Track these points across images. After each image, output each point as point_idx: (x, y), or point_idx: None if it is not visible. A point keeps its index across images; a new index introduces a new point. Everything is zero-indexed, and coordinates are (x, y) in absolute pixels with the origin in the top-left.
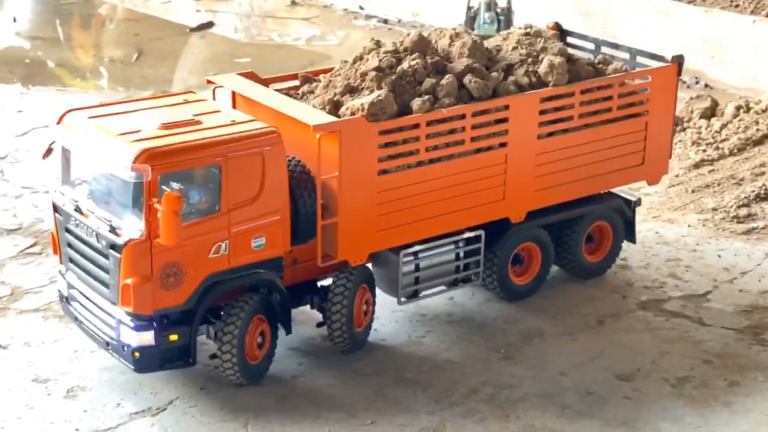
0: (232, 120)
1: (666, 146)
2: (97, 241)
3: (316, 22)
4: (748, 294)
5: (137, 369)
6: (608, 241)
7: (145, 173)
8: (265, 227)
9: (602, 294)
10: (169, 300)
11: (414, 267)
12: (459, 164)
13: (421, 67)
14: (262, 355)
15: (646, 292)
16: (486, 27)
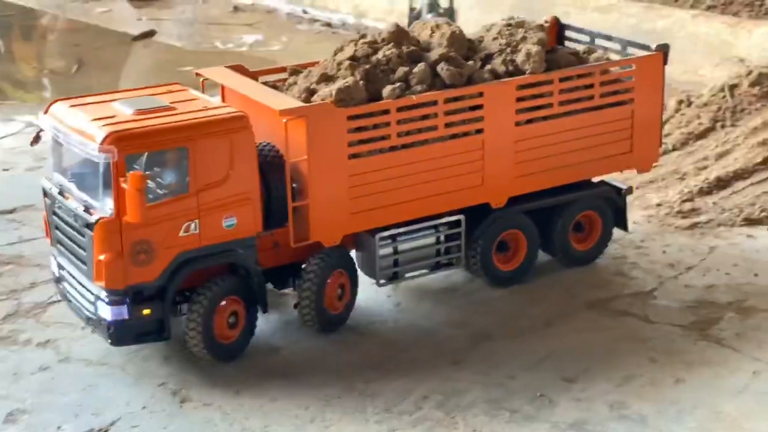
0: (205, 106)
1: (655, 134)
2: (75, 221)
3: (259, 27)
4: (694, 289)
5: (113, 342)
6: (597, 230)
7: (111, 154)
8: (236, 208)
9: (550, 294)
10: (141, 276)
11: (392, 250)
12: (434, 149)
13: (396, 56)
14: (235, 335)
15: (593, 291)
16: None
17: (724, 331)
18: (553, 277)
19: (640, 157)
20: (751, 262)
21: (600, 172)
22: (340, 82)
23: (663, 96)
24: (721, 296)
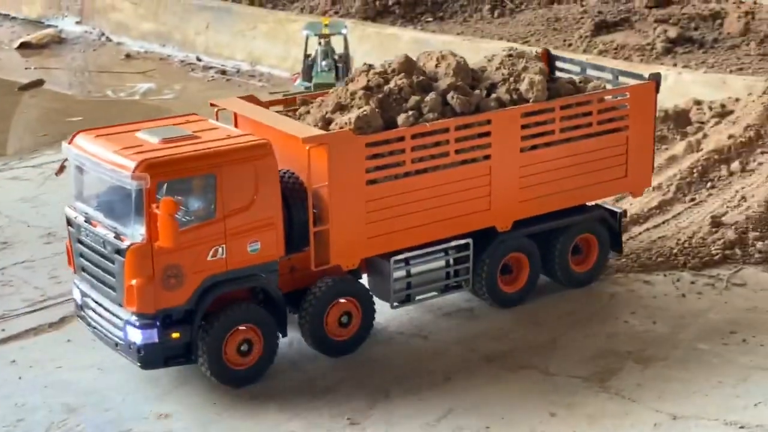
0: (228, 135)
1: (648, 159)
2: (104, 247)
3: (152, 75)
4: (594, 339)
5: (143, 366)
6: (594, 252)
7: (144, 181)
8: (260, 233)
9: (448, 347)
10: (171, 300)
11: (405, 273)
12: (445, 175)
13: (407, 85)
14: (248, 362)
15: (492, 343)
16: (324, 75)
17: (624, 381)
18: (452, 329)
19: (635, 181)
20: (650, 309)
21: (597, 196)
22: (358, 111)
23: (654, 123)
24: (621, 345)
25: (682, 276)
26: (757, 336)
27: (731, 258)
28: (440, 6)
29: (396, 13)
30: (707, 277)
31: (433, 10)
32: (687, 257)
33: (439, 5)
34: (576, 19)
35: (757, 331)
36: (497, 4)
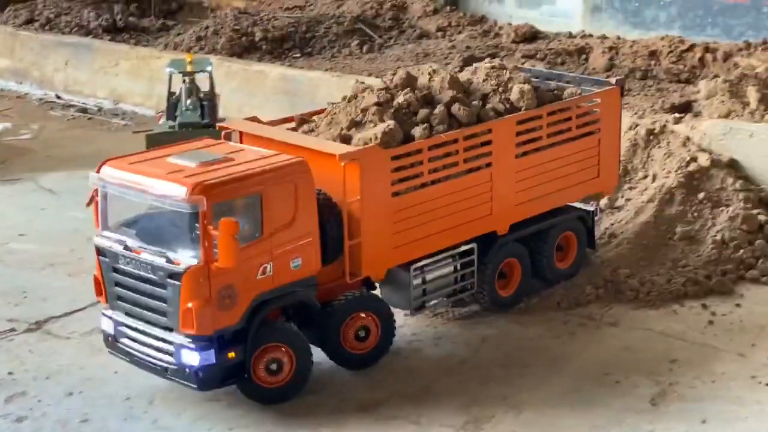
0: (261, 155)
1: (615, 159)
2: (153, 273)
3: (9, 114)
4: (467, 384)
5: (200, 388)
6: (574, 249)
7: (200, 203)
8: (301, 249)
9: (319, 399)
10: (226, 320)
11: (421, 280)
12: (455, 184)
13: (414, 99)
14: (280, 381)
15: (365, 392)
16: (188, 114)
17: (498, 428)
18: (325, 379)
19: (605, 181)
20: (523, 351)
21: (576, 196)
22: (377, 126)
23: (621, 125)
24: (495, 390)
25: (555, 316)
26: (630, 377)
27: (603, 297)
28: (308, 42)
29: (263, 49)
30: (579, 316)
31: (301, 45)
32: (560, 297)
33: (307, 41)
34: (444, 54)
35: (630, 372)
36: (366, 40)
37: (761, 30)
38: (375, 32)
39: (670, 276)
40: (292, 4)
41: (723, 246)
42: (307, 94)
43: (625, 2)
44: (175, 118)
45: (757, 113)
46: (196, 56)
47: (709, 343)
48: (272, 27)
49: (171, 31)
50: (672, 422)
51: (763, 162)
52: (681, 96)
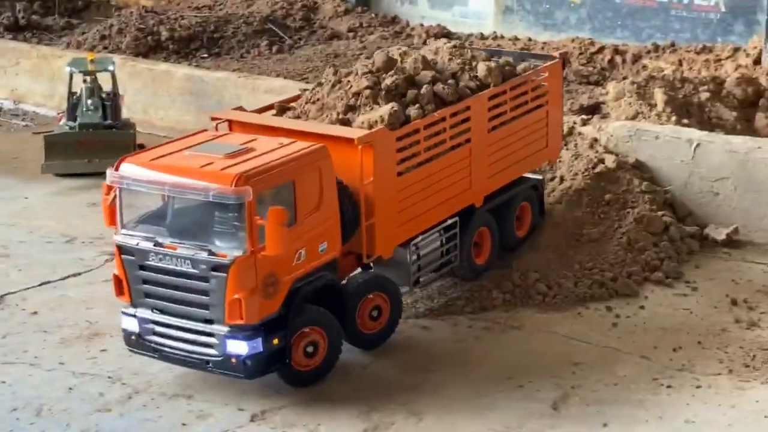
0: (279, 143)
1: (559, 130)
2: (194, 267)
3: None
4: (366, 392)
5: (249, 376)
6: (528, 216)
7: (246, 194)
8: (326, 232)
9: (214, 408)
10: (269, 308)
11: (417, 256)
12: (443, 161)
13: (402, 81)
14: (315, 363)
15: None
16: (89, 114)
17: None
18: (220, 387)
19: (552, 151)
20: (426, 356)
21: (531, 166)
22: (378, 109)
23: (563, 97)
24: (395, 397)
25: (460, 321)
26: (532, 381)
27: (510, 301)
28: (216, 42)
29: (170, 48)
30: (485, 320)
31: (209, 46)
32: (465, 301)
33: (216, 41)
34: (355, 55)
35: (533, 376)
36: (276, 40)
37: (669, 32)
38: (285, 32)
39: (577, 279)
40: (201, 3)
41: (629, 248)
42: (214, 95)
43: (536, 4)
44: (76, 119)
45: (664, 115)
46: (98, 55)
47: (612, 346)
48: (179, 26)
49: (75, 30)
50: (573, 426)
51: (669, 163)
52: (590, 98)
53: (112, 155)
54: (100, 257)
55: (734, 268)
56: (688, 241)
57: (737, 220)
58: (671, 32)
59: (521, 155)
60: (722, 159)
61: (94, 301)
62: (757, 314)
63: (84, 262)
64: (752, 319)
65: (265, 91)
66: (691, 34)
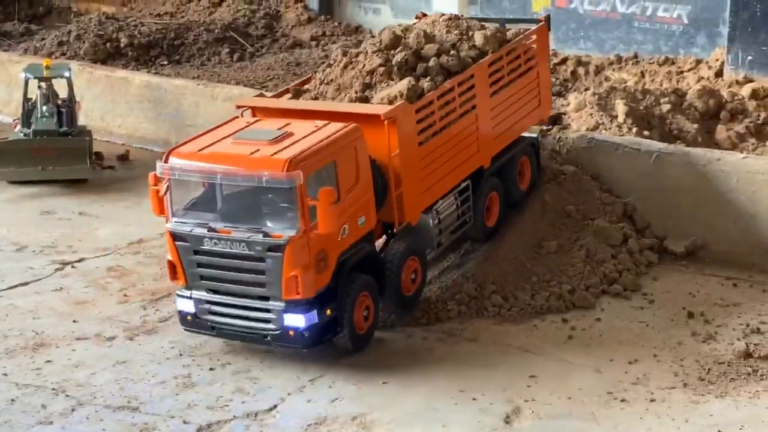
0: (315, 126)
1: (548, 89)
2: (249, 249)
3: None
4: (316, 404)
5: (306, 346)
6: (528, 171)
7: (297, 178)
8: (363, 206)
9: (159, 419)
10: (322, 282)
11: (438, 221)
12: (454, 128)
13: (411, 56)
14: (368, 325)
15: (208, 413)
16: (44, 121)
17: None
18: (167, 398)
19: (543, 110)
20: (380, 368)
21: (528, 125)
22: (395, 84)
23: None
24: (346, 409)
25: (414, 332)
26: (486, 394)
27: (466, 313)
28: (177, 49)
29: (129, 55)
30: (440, 332)
31: (169, 53)
32: (421, 313)
33: (176, 48)
34: (317, 64)
35: (486, 389)
36: (237, 48)
37: (632, 44)
38: (247, 40)
39: (534, 291)
40: (163, 11)
41: (587, 260)
42: (173, 102)
43: (499, 14)
44: (30, 126)
45: (625, 126)
46: (54, 61)
47: (567, 359)
48: (139, 33)
49: (35, 36)
50: None
51: (628, 175)
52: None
53: (67, 163)
54: (50, 266)
55: (692, 281)
56: (646, 254)
57: (696, 233)
58: (634, 44)
59: (519, 115)
60: (681, 171)
61: (42, 311)
62: (714, 327)
63: (33, 272)
64: (708, 333)
65: (223, 99)
66: (653, 45)
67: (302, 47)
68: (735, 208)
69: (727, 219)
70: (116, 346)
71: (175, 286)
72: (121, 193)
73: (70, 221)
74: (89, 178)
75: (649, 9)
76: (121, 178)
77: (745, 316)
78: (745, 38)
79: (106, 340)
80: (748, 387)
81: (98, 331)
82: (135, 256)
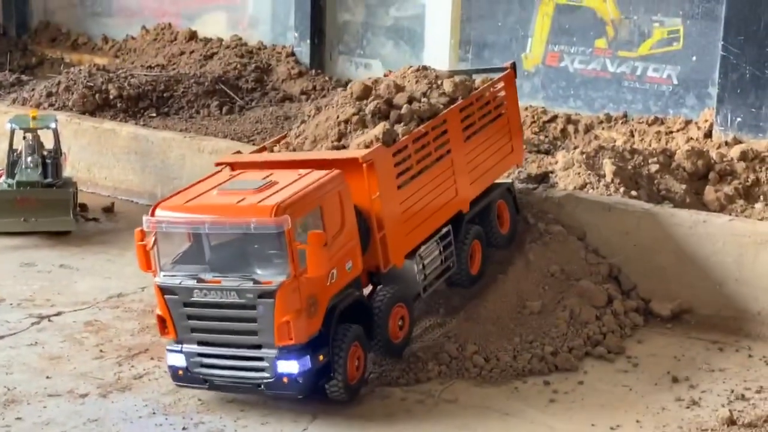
0: (298, 174)
1: (520, 135)
2: (240, 297)
3: None
4: None
5: (301, 393)
6: (507, 215)
7: (285, 222)
8: (350, 252)
9: None
10: (312, 327)
11: (422, 266)
12: (432, 172)
13: (383, 104)
14: (360, 375)
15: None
16: (28, 172)
17: None
18: None
19: (517, 155)
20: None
21: (502, 171)
22: (375, 129)
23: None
24: None
25: (392, 392)
26: None
27: (446, 373)
28: (166, 101)
29: (118, 107)
30: (419, 393)
31: (158, 105)
32: (400, 373)
33: (165, 100)
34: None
35: None
36: (226, 101)
37: (621, 103)
38: (237, 94)
39: (516, 352)
40: (154, 63)
41: (571, 321)
42: (159, 155)
43: None
44: (14, 176)
45: (612, 186)
46: (42, 112)
47: (547, 423)
48: (128, 85)
49: (25, 87)
50: None
51: (614, 235)
52: (539, 167)
53: (50, 214)
54: (26, 320)
55: (677, 345)
56: (631, 315)
57: (682, 295)
58: (623, 103)
59: (493, 161)
60: (667, 232)
61: (15, 366)
62: (698, 393)
63: (9, 325)
64: (693, 398)
65: (210, 152)
66: (643, 105)
67: (292, 101)
68: (721, 271)
69: (712, 282)
70: (89, 404)
71: (152, 342)
72: (104, 245)
73: (50, 273)
74: (72, 230)
75: (639, 69)
76: (104, 230)
77: (730, 382)
78: (734, 99)
79: (78, 397)
80: None
81: (71, 388)
82: (114, 311)
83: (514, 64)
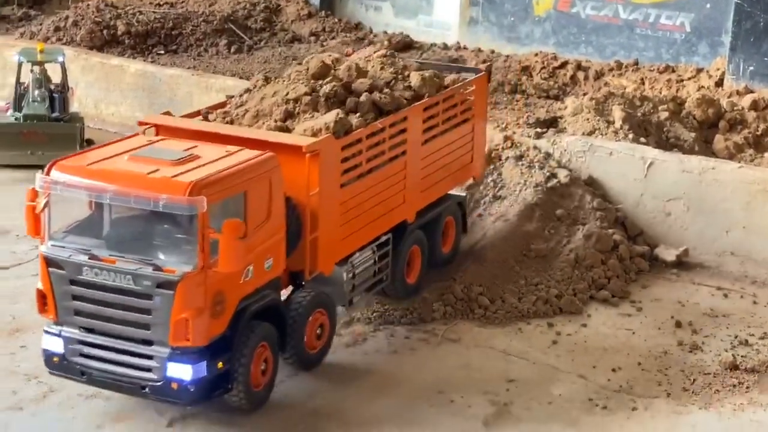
0: (227, 151)
1: (483, 146)
2: (135, 283)
3: None
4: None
5: (191, 403)
6: (453, 233)
7: (200, 204)
8: (272, 248)
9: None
10: (216, 329)
11: (352, 275)
12: (381, 173)
13: (340, 88)
14: (266, 380)
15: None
16: (35, 105)
17: None
18: None
19: (477, 166)
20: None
21: (458, 181)
22: (328, 116)
23: (487, 112)
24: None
25: (397, 331)
26: (465, 396)
27: (451, 314)
28: (174, 39)
29: (126, 43)
30: (422, 332)
31: (166, 42)
32: (405, 311)
33: (173, 38)
34: None
35: (466, 391)
36: (235, 41)
37: (633, 51)
38: (245, 33)
39: (522, 294)
40: (164, 0)
41: (576, 265)
42: (167, 92)
43: (500, 16)
44: (21, 110)
45: (621, 132)
46: (49, 46)
47: (550, 364)
48: (137, 21)
49: (33, 21)
50: None
51: (622, 181)
52: (547, 112)
53: (57, 148)
54: (33, 251)
55: (682, 290)
56: (637, 261)
57: (688, 242)
58: (635, 50)
59: (450, 170)
60: (676, 179)
61: (21, 295)
62: (701, 338)
63: (16, 256)
64: (695, 343)
65: (217, 90)
66: (654, 53)
67: (301, 42)
68: (728, 218)
69: (719, 229)
70: None
71: None
72: None
73: None
74: None
75: (651, 16)
76: None
77: (733, 328)
78: (746, 48)
79: None
80: (733, 399)
81: None
82: None
83: (490, 68)
